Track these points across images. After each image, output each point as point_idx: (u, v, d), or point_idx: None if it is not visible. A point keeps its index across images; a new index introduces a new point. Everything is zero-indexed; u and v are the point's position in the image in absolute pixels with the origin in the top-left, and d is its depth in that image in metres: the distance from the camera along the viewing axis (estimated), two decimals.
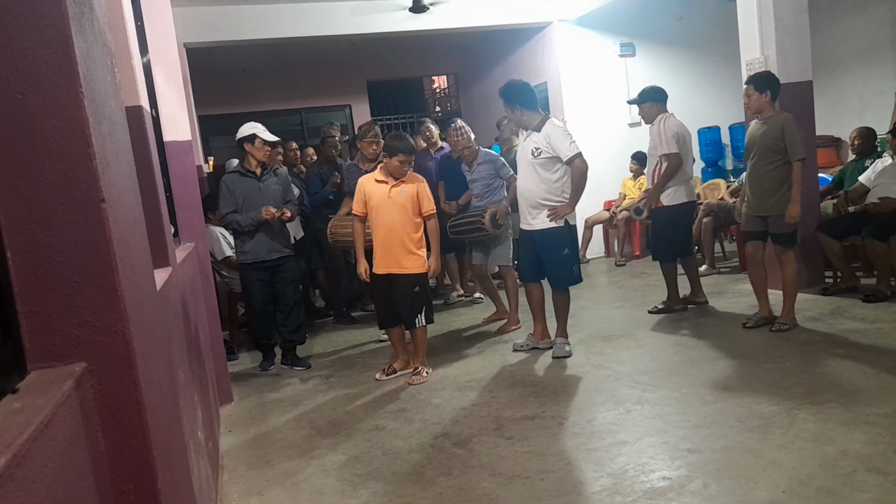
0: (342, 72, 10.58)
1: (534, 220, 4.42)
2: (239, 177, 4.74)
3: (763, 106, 4.49)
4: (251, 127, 4.73)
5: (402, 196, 4.22)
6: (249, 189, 4.70)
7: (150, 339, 1.44)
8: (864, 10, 7.25)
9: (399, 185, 4.25)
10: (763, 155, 4.46)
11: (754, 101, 4.51)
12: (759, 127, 4.55)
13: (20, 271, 1.11)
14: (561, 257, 4.42)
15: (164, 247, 2.58)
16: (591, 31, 8.15)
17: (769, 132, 4.44)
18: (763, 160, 4.46)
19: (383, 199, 4.24)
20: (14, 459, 0.80)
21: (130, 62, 2.59)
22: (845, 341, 4.15)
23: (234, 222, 4.69)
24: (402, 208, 4.22)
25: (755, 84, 4.52)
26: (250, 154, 4.71)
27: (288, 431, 3.72)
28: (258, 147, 4.68)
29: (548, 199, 4.35)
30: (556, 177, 4.34)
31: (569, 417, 3.43)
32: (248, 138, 4.68)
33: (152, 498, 1.24)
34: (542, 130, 4.32)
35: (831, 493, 2.44)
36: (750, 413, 3.22)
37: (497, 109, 9.54)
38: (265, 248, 4.72)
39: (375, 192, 4.27)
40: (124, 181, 1.41)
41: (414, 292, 4.29)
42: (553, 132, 4.29)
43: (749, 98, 4.55)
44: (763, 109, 4.50)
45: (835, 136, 7.60)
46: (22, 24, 1.09)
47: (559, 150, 4.28)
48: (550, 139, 4.28)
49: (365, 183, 4.35)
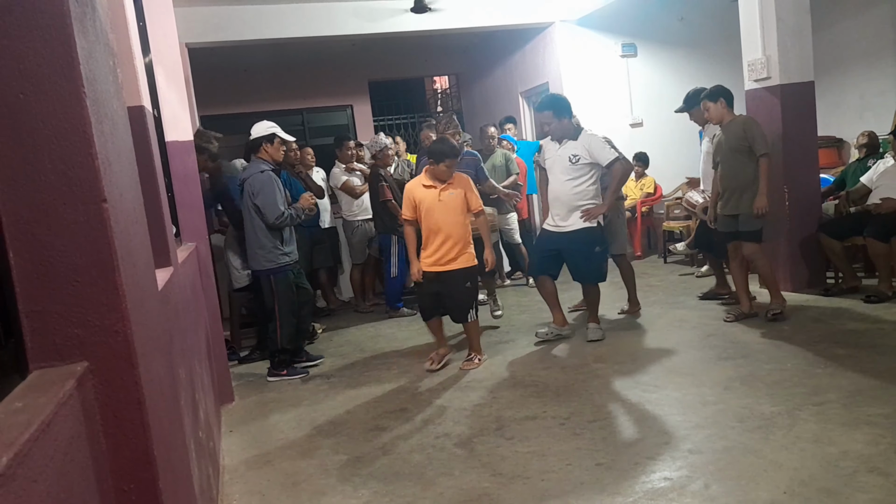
0: (343, 72, 10.58)
1: (566, 221, 4.67)
2: (274, 174, 4.62)
3: (723, 114, 4.82)
4: (269, 126, 4.63)
5: (452, 198, 4.40)
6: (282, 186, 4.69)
7: (152, 338, 1.44)
8: (865, 10, 7.23)
9: (447, 187, 4.41)
10: (729, 156, 4.75)
11: (714, 112, 4.85)
12: (722, 133, 4.84)
13: (22, 271, 1.11)
14: (594, 255, 4.69)
15: (165, 247, 2.58)
16: (592, 31, 8.15)
17: (732, 134, 4.74)
18: (729, 161, 4.75)
19: (434, 202, 4.40)
20: (16, 459, 0.80)
21: (132, 62, 2.59)
22: (846, 342, 4.15)
23: (289, 217, 4.55)
24: (453, 210, 4.40)
25: (708, 97, 4.86)
26: (268, 153, 4.61)
27: (289, 431, 3.72)
28: (277, 147, 4.63)
29: (582, 202, 4.62)
30: (590, 181, 4.64)
31: (570, 418, 3.43)
32: (268, 138, 4.60)
33: (153, 497, 1.24)
34: (580, 139, 4.62)
35: (832, 493, 2.44)
36: (751, 413, 3.22)
37: (498, 109, 9.59)
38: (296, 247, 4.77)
39: (426, 197, 4.43)
40: (126, 181, 1.41)
41: (466, 287, 4.47)
42: (592, 141, 4.61)
43: (708, 111, 4.87)
44: (724, 117, 4.81)
45: (836, 137, 7.58)
46: (24, 24, 1.09)
47: (599, 157, 4.59)
48: (590, 147, 4.58)
49: (413, 189, 4.51)
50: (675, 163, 8.06)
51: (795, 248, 5.49)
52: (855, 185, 5.51)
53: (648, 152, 7.83)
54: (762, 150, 4.63)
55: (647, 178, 7.86)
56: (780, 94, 5.37)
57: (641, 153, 7.75)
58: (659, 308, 5.49)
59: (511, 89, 9.55)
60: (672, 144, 8.11)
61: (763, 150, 4.63)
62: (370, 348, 5.30)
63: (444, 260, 4.42)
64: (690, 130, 7.42)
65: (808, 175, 5.54)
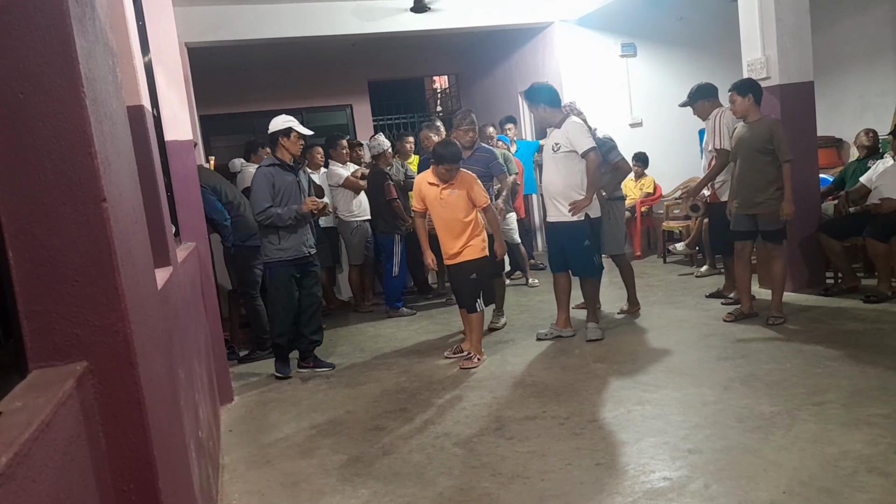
0: (343, 71, 10.59)
1: (556, 212, 4.68)
2: (280, 170, 4.59)
3: (748, 109, 4.71)
4: (286, 120, 4.61)
5: (452, 197, 4.49)
6: (289, 183, 4.60)
7: (151, 338, 1.44)
8: (865, 10, 7.24)
9: (448, 187, 4.49)
10: (750, 156, 4.66)
11: (739, 106, 4.73)
12: (745, 130, 4.74)
13: (21, 271, 1.11)
14: (582, 248, 4.68)
15: (164, 246, 2.57)
16: (592, 31, 8.15)
17: (757, 134, 4.64)
18: (750, 161, 4.67)
19: (435, 199, 4.54)
20: (15, 458, 0.80)
21: (132, 61, 2.59)
22: (846, 342, 4.15)
23: (274, 216, 4.51)
24: (453, 208, 4.50)
25: (738, 90, 4.74)
26: (285, 148, 4.58)
27: (288, 431, 3.72)
28: (293, 141, 4.58)
29: (568, 193, 4.59)
30: (575, 171, 4.58)
31: (569, 418, 3.43)
32: (284, 132, 4.56)
33: (153, 497, 1.24)
34: (563, 127, 4.56)
35: (832, 493, 2.44)
36: (751, 413, 3.22)
37: (498, 109, 9.59)
38: (304, 244, 4.69)
39: (429, 193, 4.56)
40: (125, 181, 1.41)
41: (471, 279, 4.55)
42: (572, 128, 4.54)
43: (734, 103, 4.76)
44: (749, 113, 4.71)
45: (836, 137, 7.58)
46: (24, 24, 1.09)
47: (576, 144, 4.50)
48: (569, 134, 4.52)
49: (420, 183, 4.64)
50: (674, 163, 8.07)
51: (795, 248, 5.49)
52: (854, 186, 5.51)
53: (648, 152, 7.82)
54: (788, 155, 4.56)
55: (646, 178, 7.86)
56: (780, 94, 5.37)
57: (641, 153, 7.74)
58: (658, 308, 5.49)
59: (510, 89, 9.55)
60: (671, 144, 8.12)
61: (789, 156, 4.56)
62: (370, 348, 5.30)
63: (450, 254, 4.58)
64: (690, 130, 7.45)
65: (808, 175, 5.53)
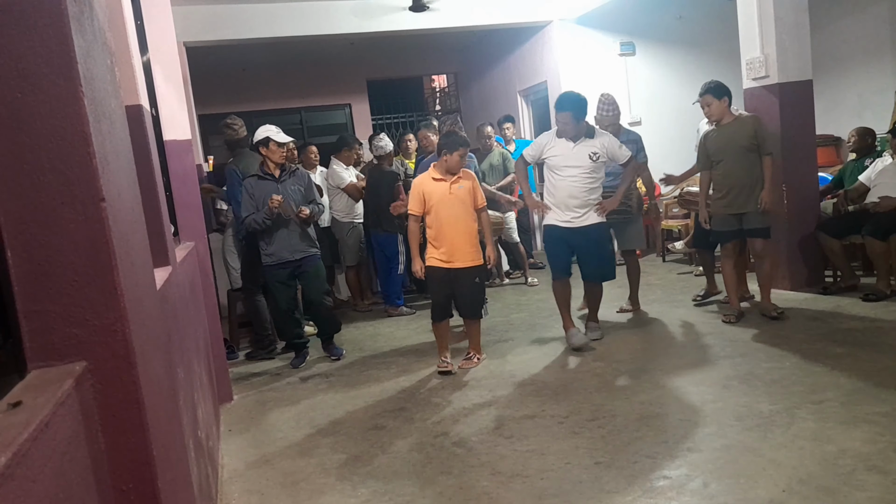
0: (342, 71, 10.57)
1: (581, 217, 4.62)
2: (258, 180, 4.79)
3: (724, 112, 4.77)
4: (264, 130, 4.78)
5: (462, 191, 4.39)
6: (268, 191, 4.71)
7: (150, 338, 1.44)
8: (864, 8, 7.23)
9: (457, 180, 4.40)
10: (739, 155, 4.72)
11: (716, 109, 4.77)
12: (725, 130, 4.78)
13: (20, 270, 1.11)
14: (608, 251, 4.81)
15: (163, 246, 2.57)
16: (591, 30, 8.14)
17: (742, 133, 4.71)
18: (741, 160, 4.72)
19: (445, 195, 4.38)
20: (14, 459, 0.80)
21: (130, 61, 2.58)
22: (845, 340, 4.15)
23: (252, 222, 4.71)
24: (463, 203, 4.39)
25: (713, 93, 4.76)
26: (267, 157, 4.77)
27: (288, 430, 3.72)
28: (273, 150, 4.74)
29: (595, 197, 4.66)
30: (601, 177, 4.69)
31: (569, 417, 3.43)
32: (263, 142, 4.75)
33: (152, 497, 1.24)
34: (597, 138, 4.64)
35: (831, 491, 2.45)
36: (750, 412, 3.22)
37: (496, 109, 9.58)
38: (287, 248, 4.79)
39: (436, 191, 4.39)
40: (124, 180, 1.40)
41: (475, 283, 4.49)
42: (609, 141, 4.66)
43: (710, 106, 4.78)
44: (724, 115, 4.77)
45: (834, 136, 7.58)
46: (22, 23, 1.09)
47: (616, 156, 4.65)
48: (608, 146, 4.62)
49: (423, 183, 4.48)
50: (673, 162, 8.04)
51: (794, 246, 5.49)
52: (853, 184, 5.51)
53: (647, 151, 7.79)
54: (771, 148, 4.72)
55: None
56: (779, 93, 5.37)
57: None
58: (658, 307, 5.49)
59: (509, 88, 9.54)
60: (671, 143, 8.10)
61: (771, 149, 4.73)
62: (369, 347, 5.30)
63: (457, 255, 4.39)
64: (689, 129, 7.43)
65: (807, 174, 5.54)
